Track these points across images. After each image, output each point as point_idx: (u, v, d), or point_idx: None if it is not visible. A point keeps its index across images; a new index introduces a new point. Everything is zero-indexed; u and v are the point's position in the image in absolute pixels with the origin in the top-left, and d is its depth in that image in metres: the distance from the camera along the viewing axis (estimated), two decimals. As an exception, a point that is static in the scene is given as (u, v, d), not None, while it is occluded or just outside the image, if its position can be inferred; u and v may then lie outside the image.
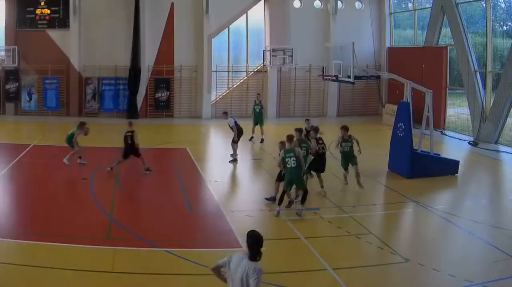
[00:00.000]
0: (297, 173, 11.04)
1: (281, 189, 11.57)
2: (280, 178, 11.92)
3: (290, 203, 11.71)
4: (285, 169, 11.18)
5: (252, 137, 19.82)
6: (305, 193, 11.19)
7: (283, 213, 11.38)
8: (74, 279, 7.95)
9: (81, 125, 15.57)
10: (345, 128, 13.33)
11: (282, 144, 11.65)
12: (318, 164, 12.88)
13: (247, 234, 5.56)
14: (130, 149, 14.59)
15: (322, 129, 13.97)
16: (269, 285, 7.90)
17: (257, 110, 20.23)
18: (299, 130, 12.29)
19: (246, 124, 18.95)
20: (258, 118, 20.12)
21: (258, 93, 22.20)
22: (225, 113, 17.15)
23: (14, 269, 8.18)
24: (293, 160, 10.92)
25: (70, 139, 15.28)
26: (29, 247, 9.04)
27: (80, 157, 15.53)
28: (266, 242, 10.01)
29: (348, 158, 13.35)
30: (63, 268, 8.20)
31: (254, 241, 5.44)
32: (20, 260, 8.48)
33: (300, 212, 11.11)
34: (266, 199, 12.13)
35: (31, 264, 8.27)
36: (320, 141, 13.10)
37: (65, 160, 15.06)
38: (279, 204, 11.26)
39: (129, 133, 14.64)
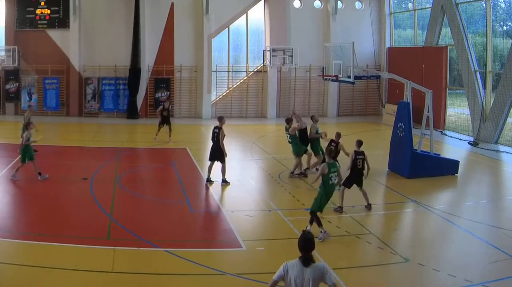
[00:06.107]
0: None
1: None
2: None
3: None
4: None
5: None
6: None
7: (283, 213, 11.38)
8: (74, 279, 7.95)
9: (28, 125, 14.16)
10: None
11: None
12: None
13: (300, 235, 5.49)
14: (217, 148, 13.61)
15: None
16: (269, 285, 7.91)
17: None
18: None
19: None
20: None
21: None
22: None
23: (14, 269, 8.18)
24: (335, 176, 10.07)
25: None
26: (29, 247, 9.04)
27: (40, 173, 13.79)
28: (265, 242, 10.03)
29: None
30: (63, 268, 8.20)
31: (306, 244, 5.32)
32: (20, 260, 8.48)
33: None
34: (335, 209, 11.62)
35: (31, 264, 8.27)
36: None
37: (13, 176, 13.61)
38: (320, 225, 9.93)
39: (216, 130, 13.50)
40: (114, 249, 9.05)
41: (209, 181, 13.84)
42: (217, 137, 13.61)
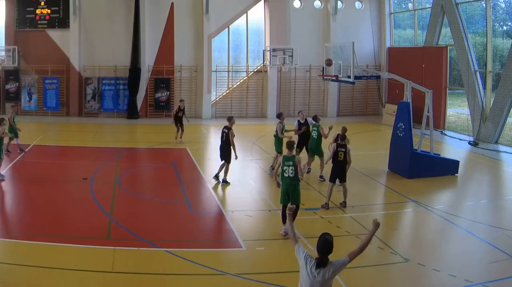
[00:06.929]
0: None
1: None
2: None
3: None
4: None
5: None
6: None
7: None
8: (74, 279, 7.95)
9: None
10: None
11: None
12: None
13: (319, 237, 5.44)
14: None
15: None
16: (269, 285, 7.92)
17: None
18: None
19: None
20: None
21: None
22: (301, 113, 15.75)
23: (14, 269, 8.17)
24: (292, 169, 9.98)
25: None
26: (29, 247, 9.04)
27: None
28: (265, 242, 10.01)
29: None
30: (63, 268, 8.20)
31: (325, 246, 5.28)
32: (20, 260, 8.48)
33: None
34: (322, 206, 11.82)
35: (31, 264, 8.27)
36: None
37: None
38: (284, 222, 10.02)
39: (226, 130, 13.68)
40: (114, 249, 9.05)
41: (217, 177, 13.92)
42: (227, 137, 13.64)
